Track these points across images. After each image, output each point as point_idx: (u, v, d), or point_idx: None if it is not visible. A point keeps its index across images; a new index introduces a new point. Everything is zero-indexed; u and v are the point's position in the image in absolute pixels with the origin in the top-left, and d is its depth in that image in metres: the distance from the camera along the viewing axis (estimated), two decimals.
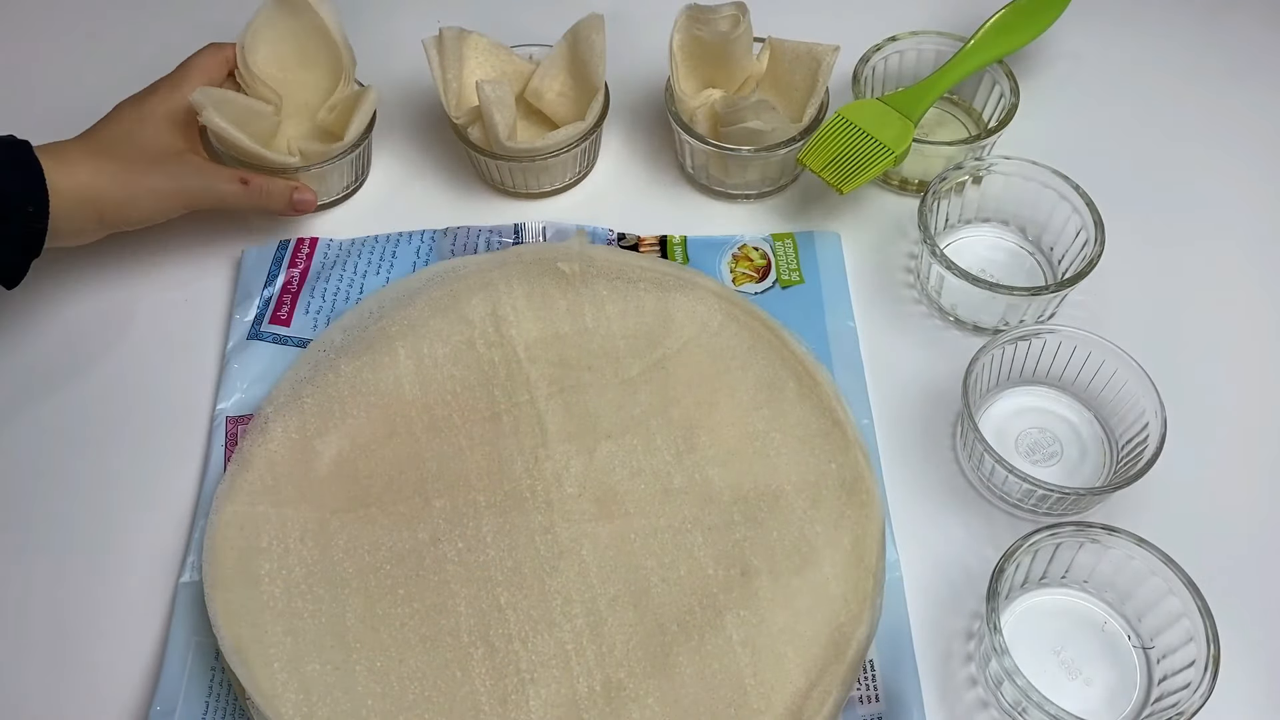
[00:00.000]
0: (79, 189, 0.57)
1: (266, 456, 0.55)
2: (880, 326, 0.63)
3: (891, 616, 0.52)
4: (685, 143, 0.66)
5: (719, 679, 0.49)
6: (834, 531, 0.52)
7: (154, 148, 0.60)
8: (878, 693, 0.51)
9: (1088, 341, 0.57)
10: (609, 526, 0.53)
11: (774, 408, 0.56)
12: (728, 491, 0.54)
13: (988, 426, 0.58)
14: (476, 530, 0.53)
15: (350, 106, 0.65)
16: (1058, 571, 0.53)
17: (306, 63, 0.67)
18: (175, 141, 0.61)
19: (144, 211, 0.60)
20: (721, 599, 0.51)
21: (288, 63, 0.67)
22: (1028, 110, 0.66)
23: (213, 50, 0.65)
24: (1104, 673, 0.51)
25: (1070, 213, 0.62)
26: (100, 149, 0.59)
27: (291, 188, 0.63)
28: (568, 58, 0.67)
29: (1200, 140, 0.71)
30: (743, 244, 0.65)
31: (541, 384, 0.58)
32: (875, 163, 0.62)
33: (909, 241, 0.66)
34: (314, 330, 0.62)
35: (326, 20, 0.65)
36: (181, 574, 0.54)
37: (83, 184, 0.57)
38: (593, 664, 0.49)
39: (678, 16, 0.66)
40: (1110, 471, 0.57)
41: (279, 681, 0.49)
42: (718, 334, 0.59)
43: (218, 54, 0.65)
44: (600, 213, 0.68)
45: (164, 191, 0.60)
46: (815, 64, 0.65)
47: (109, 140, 0.60)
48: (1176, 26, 0.77)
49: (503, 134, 0.63)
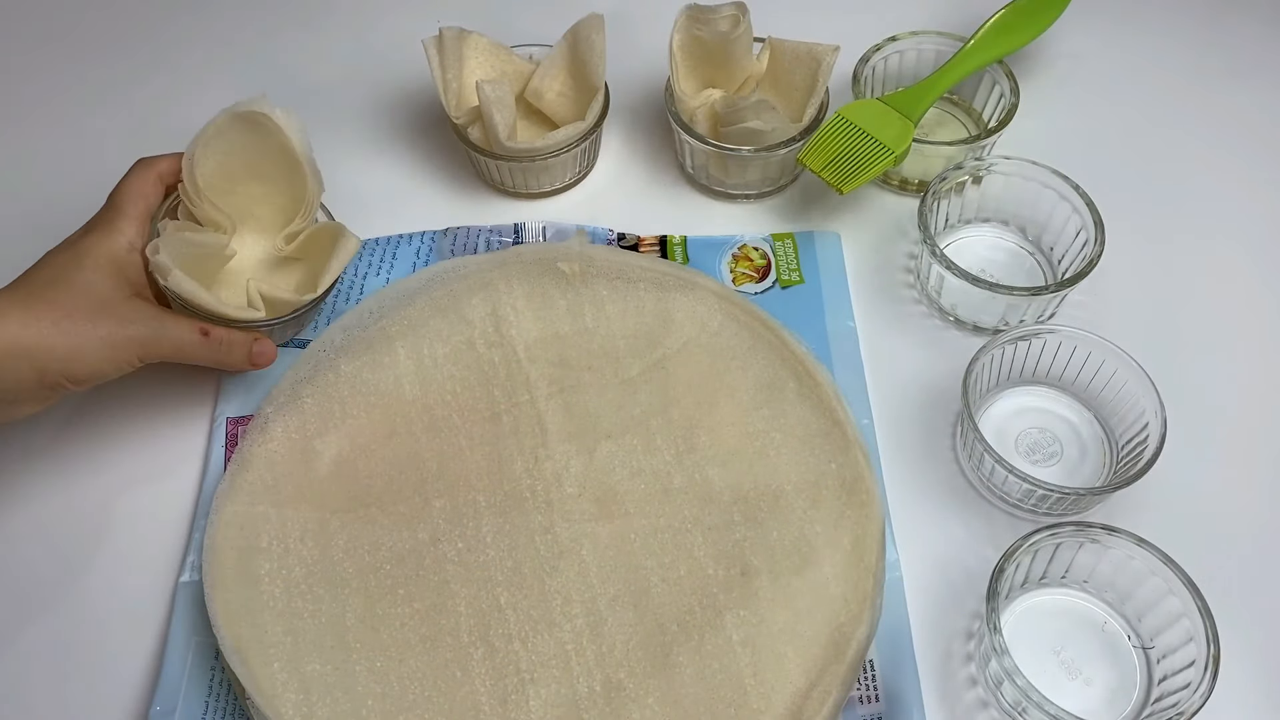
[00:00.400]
0: (8, 344, 0.48)
1: (266, 456, 0.55)
2: (880, 326, 0.63)
3: (891, 616, 0.52)
4: (685, 143, 0.66)
5: (719, 679, 0.49)
6: (834, 531, 0.52)
7: (97, 293, 0.51)
8: (878, 693, 0.51)
9: (1088, 341, 0.57)
10: (609, 526, 0.53)
11: (774, 408, 0.56)
12: (728, 491, 0.54)
13: (988, 426, 0.58)
14: (476, 530, 0.53)
15: (319, 243, 0.58)
16: (1058, 571, 0.53)
17: (259, 176, 0.59)
18: (119, 286, 0.53)
19: (92, 365, 0.51)
20: (721, 599, 0.51)
21: (236, 175, 0.58)
22: (1028, 110, 0.66)
23: (142, 169, 0.57)
24: (1104, 673, 0.51)
25: (1070, 213, 0.62)
26: (32, 296, 0.50)
27: (251, 340, 0.56)
28: (568, 58, 0.67)
29: (1200, 140, 0.71)
30: (743, 244, 0.65)
31: (541, 384, 0.58)
32: (875, 163, 0.62)
33: (909, 241, 0.66)
34: (314, 330, 0.62)
35: (294, 142, 0.57)
36: (181, 574, 0.54)
37: (12, 337, 0.48)
38: (593, 664, 0.49)
39: (678, 16, 0.66)
40: (1110, 471, 0.57)
41: (279, 681, 0.49)
42: (718, 334, 0.59)
43: (148, 171, 0.56)
44: (600, 213, 0.68)
45: (115, 340, 0.51)
46: (815, 64, 0.65)
47: (42, 286, 0.51)
48: (1177, 26, 0.77)
49: (503, 134, 0.63)
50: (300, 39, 0.78)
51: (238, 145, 0.57)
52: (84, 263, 0.52)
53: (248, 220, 0.59)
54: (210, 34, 0.79)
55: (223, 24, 0.79)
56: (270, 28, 0.79)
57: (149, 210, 0.56)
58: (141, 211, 0.55)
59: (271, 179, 0.59)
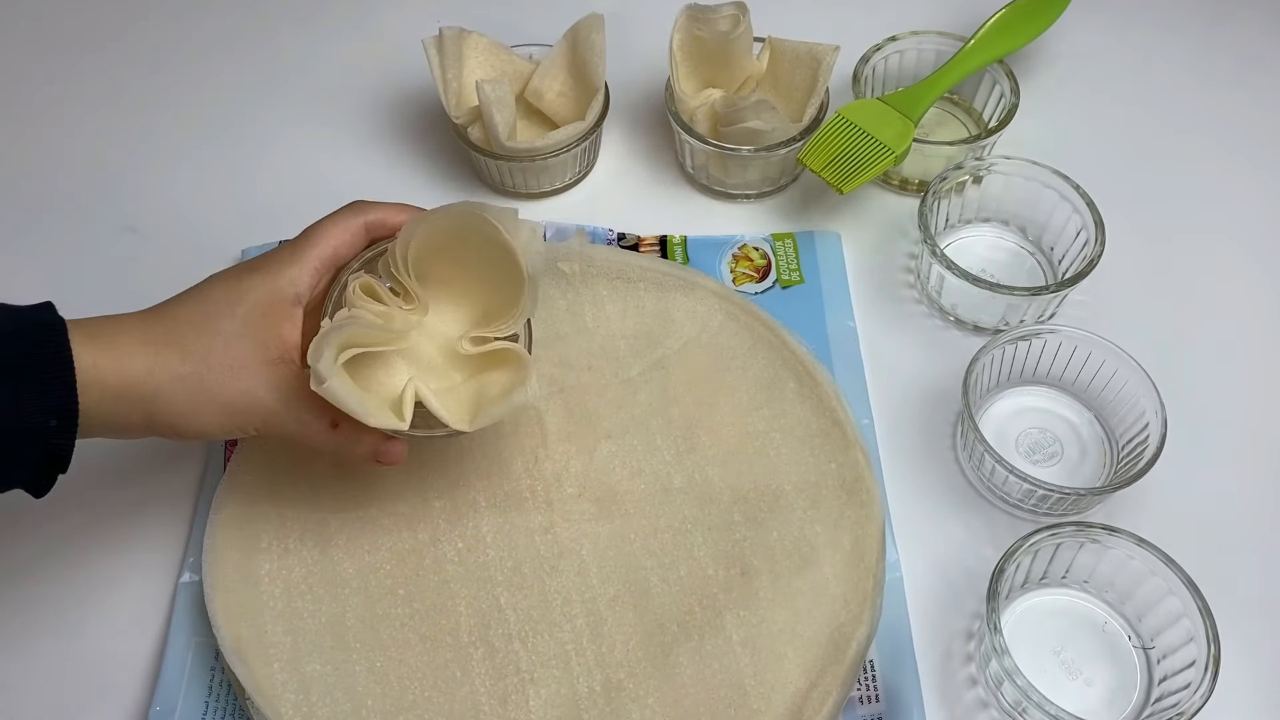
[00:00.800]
0: (127, 385, 0.44)
1: (266, 456, 0.55)
2: (880, 326, 0.63)
3: (891, 616, 0.52)
4: (685, 143, 0.66)
5: (719, 679, 0.49)
6: (834, 531, 0.52)
7: (236, 352, 0.46)
8: (878, 693, 0.51)
9: (1088, 341, 0.57)
10: (609, 526, 0.53)
11: (774, 408, 0.56)
12: (728, 491, 0.54)
13: (988, 426, 0.58)
14: (476, 530, 0.53)
15: (498, 363, 0.50)
16: (1058, 572, 0.53)
17: (475, 269, 0.50)
18: (266, 344, 0.46)
19: (203, 427, 0.46)
20: (721, 599, 0.51)
21: (453, 259, 0.49)
22: (1028, 110, 0.66)
23: (350, 213, 0.50)
24: (1104, 673, 0.51)
25: (1070, 213, 0.62)
26: (168, 337, 0.45)
27: (381, 438, 0.49)
28: (568, 57, 0.67)
29: (1201, 139, 0.71)
30: (743, 244, 0.65)
31: (541, 384, 0.57)
32: (875, 163, 0.62)
33: (909, 241, 0.66)
34: None
35: (524, 261, 0.48)
36: (181, 574, 0.54)
37: (133, 380, 0.44)
38: (593, 664, 0.49)
39: (678, 16, 0.66)
40: (1110, 471, 0.57)
41: (279, 681, 0.49)
42: (718, 334, 0.59)
43: (356, 217, 0.49)
44: (600, 213, 0.68)
45: (237, 409, 0.46)
46: (815, 64, 0.65)
47: (182, 325, 0.46)
48: (1177, 26, 0.77)
49: (503, 134, 0.63)
50: (300, 38, 0.78)
51: (467, 236, 0.49)
52: (236, 310, 0.46)
53: (443, 299, 0.51)
54: (210, 33, 0.79)
55: (222, 23, 0.79)
56: (270, 27, 0.79)
57: (336, 259, 0.49)
58: (327, 257, 0.49)
59: (487, 278, 0.50)
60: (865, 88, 0.68)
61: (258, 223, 0.67)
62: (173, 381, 0.45)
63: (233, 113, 0.74)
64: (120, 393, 0.44)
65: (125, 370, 0.44)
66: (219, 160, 0.71)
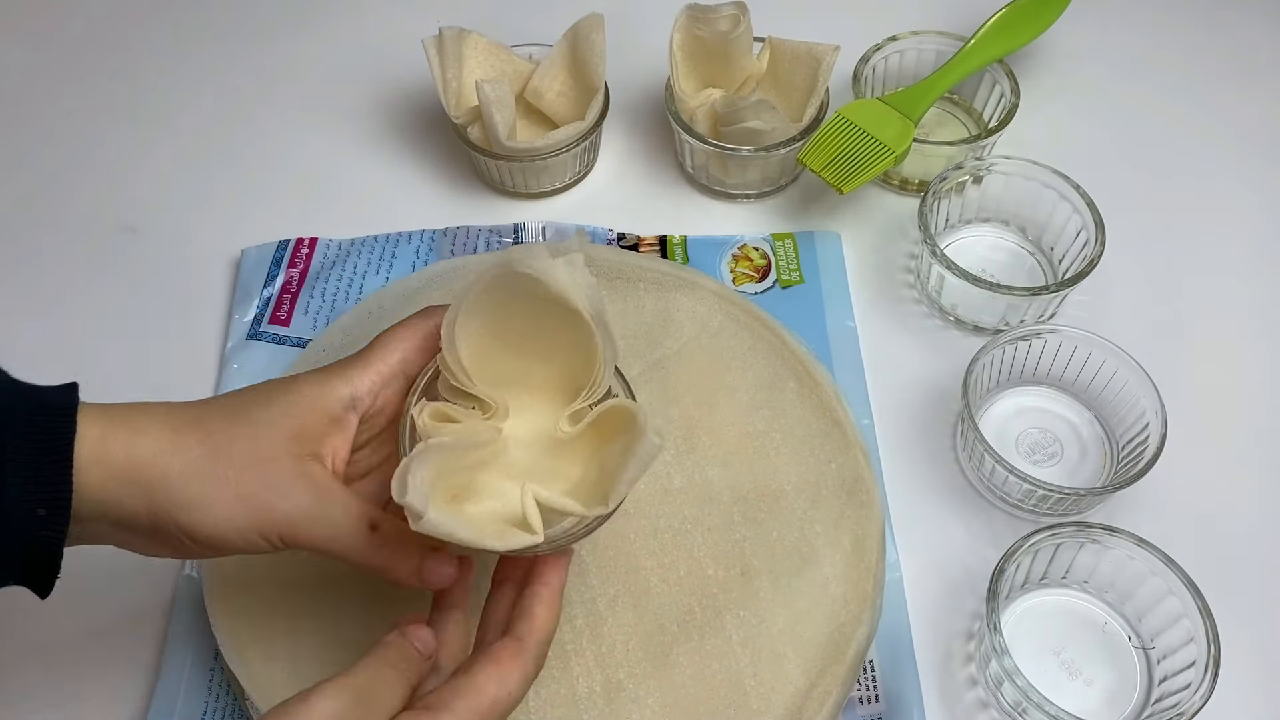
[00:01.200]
0: (134, 464, 0.38)
1: None
2: (880, 326, 0.63)
3: (891, 616, 0.52)
4: (685, 143, 0.66)
5: (719, 679, 0.49)
6: (834, 531, 0.52)
7: (263, 441, 0.40)
8: (878, 693, 0.51)
9: (1088, 341, 0.57)
10: (608, 526, 0.53)
11: (774, 408, 0.56)
12: (727, 491, 0.54)
13: (988, 426, 0.58)
14: None
15: (608, 424, 0.43)
16: (1058, 572, 0.53)
17: (537, 338, 0.44)
18: (301, 441, 0.41)
19: (215, 525, 0.39)
20: (721, 599, 0.51)
21: (510, 338, 0.44)
22: (1028, 110, 0.66)
23: (420, 320, 0.44)
24: (1104, 673, 0.51)
25: (1071, 213, 0.62)
26: (193, 419, 0.40)
27: (426, 549, 0.42)
28: (567, 57, 0.67)
29: (1201, 140, 0.71)
30: (743, 244, 0.65)
31: None
32: (875, 163, 0.62)
33: (909, 241, 0.66)
34: (313, 330, 0.62)
35: (576, 301, 0.42)
36: (181, 573, 0.54)
37: (142, 459, 0.38)
38: (593, 664, 0.49)
39: (678, 16, 0.66)
40: (1110, 471, 0.57)
41: (279, 681, 0.49)
42: (718, 334, 0.59)
43: (424, 323, 0.44)
44: (600, 213, 0.68)
45: (257, 503, 0.40)
46: (815, 64, 0.65)
47: (212, 410, 0.41)
48: (1177, 26, 0.77)
49: (502, 134, 0.63)
50: (300, 39, 0.78)
51: (509, 303, 0.43)
52: (277, 400, 0.41)
53: (520, 392, 0.45)
54: (209, 33, 0.79)
55: (222, 23, 0.79)
56: (270, 27, 0.79)
57: (405, 365, 0.44)
58: (394, 363, 0.43)
59: (552, 340, 0.44)
60: (865, 88, 0.68)
61: (258, 223, 0.67)
62: (185, 465, 0.39)
63: (233, 112, 0.74)
64: (126, 473, 0.38)
65: (135, 447, 0.38)
66: (219, 160, 0.71)
